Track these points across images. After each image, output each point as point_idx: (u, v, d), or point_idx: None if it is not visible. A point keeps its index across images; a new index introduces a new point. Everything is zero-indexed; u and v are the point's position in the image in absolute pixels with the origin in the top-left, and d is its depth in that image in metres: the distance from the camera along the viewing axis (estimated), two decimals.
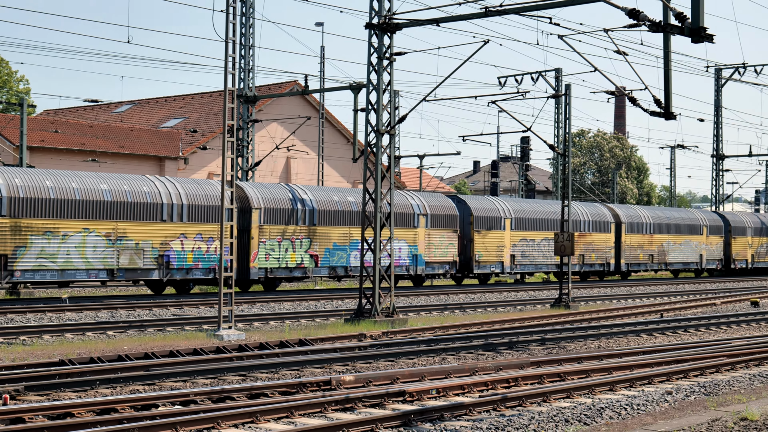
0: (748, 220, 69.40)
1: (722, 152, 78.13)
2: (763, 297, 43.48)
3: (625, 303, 40.07)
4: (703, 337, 27.13)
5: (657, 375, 18.60)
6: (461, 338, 24.48)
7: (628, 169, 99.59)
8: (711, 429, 13.93)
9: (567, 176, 37.55)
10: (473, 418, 14.64)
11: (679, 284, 55.00)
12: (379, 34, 29.44)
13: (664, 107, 18.79)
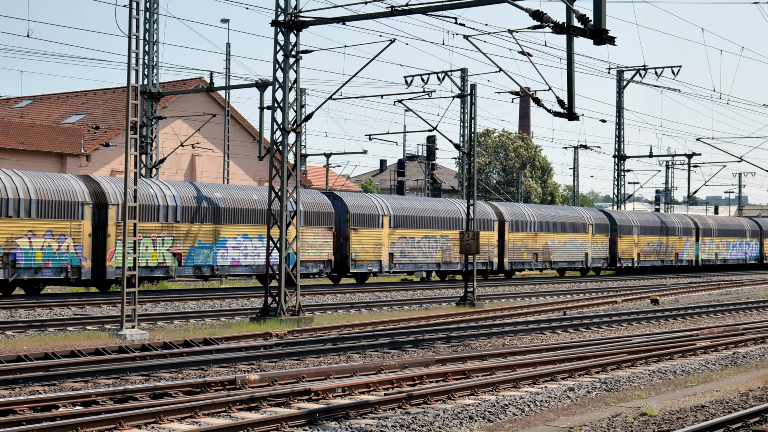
0: (635, 218, 68.94)
1: (624, 153, 79.56)
2: (663, 294, 44.38)
3: (529, 301, 40.55)
4: (605, 335, 27.58)
5: (560, 372, 18.86)
6: (367, 336, 24.51)
7: (532, 169, 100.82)
8: (611, 424, 14.15)
9: (472, 175, 37.85)
10: (379, 416, 14.66)
11: (584, 282, 55.79)
12: (285, 32, 29.31)
13: (568, 108, 19.04)
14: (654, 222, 70.59)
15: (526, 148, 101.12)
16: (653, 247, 69.57)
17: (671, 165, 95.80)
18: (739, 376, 19.57)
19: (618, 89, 79.23)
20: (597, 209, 68.99)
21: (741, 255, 79.85)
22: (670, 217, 73.85)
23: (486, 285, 49.23)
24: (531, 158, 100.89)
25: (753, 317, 34.36)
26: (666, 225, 71.39)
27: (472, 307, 35.88)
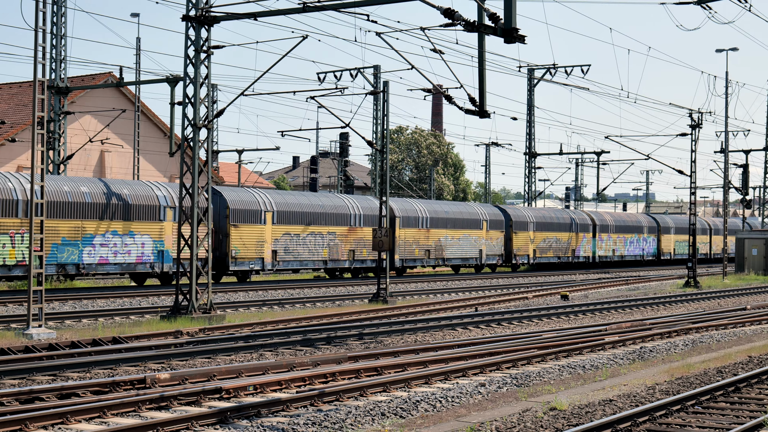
0: (530, 214, 67.69)
1: (534, 150, 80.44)
2: (572, 290, 44.99)
3: (441, 297, 40.77)
4: (516, 330, 27.86)
5: (471, 368, 18.99)
6: (279, 334, 24.42)
7: (445, 166, 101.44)
8: (522, 419, 14.29)
9: (385, 172, 37.92)
10: (290, 413, 14.61)
11: (493, 279, 56.26)
12: (197, 27, 29.03)
13: (479, 105, 19.17)
14: (550, 218, 69.57)
15: (439, 145, 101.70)
16: (549, 243, 68.53)
17: (581, 162, 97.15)
18: (646, 370, 19.92)
19: (529, 87, 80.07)
20: (492, 205, 67.17)
21: (638, 251, 79.44)
22: (566, 213, 72.98)
23: (399, 282, 49.37)
24: (443, 155, 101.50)
25: (660, 312, 35.02)
26: (563, 221, 70.51)
27: (384, 303, 35.96)
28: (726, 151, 62.26)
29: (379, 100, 62.40)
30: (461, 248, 60.15)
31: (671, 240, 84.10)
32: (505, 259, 64.55)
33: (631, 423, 13.78)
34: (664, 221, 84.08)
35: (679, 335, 26.46)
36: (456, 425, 14.06)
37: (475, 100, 19.05)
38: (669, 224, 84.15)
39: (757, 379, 17.92)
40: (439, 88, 28.03)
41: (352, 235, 51.98)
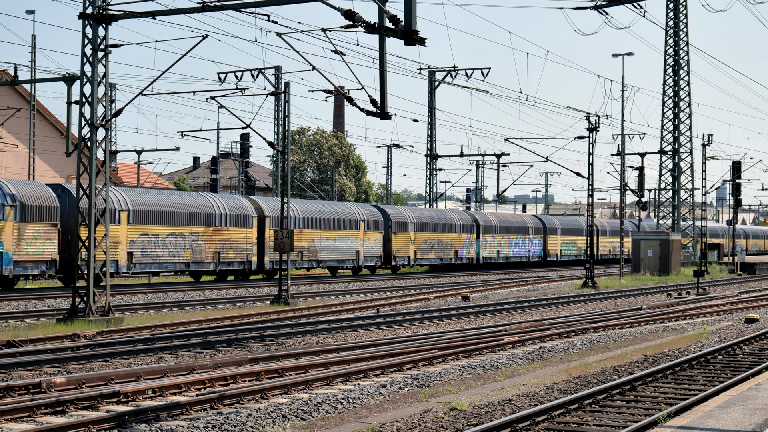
0: (411, 214, 65.67)
1: (436, 152, 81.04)
2: (473, 291, 45.38)
3: (343, 299, 40.76)
4: (417, 331, 27.97)
5: (372, 369, 19.01)
6: (179, 336, 24.13)
7: (346, 167, 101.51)
8: (423, 420, 14.34)
9: (286, 173, 37.77)
10: (190, 417, 14.44)
11: (396, 280, 56.41)
12: (94, 25, 28.55)
13: (380, 107, 19.20)
14: (432, 218, 67.75)
15: (341, 147, 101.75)
16: (431, 244, 66.75)
17: (481, 164, 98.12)
18: (545, 369, 20.17)
19: (430, 89, 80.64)
20: (370, 205, 64.71)
21: (524, 252, 78.20)
22: (449, 214, 71.18)
23: (301, 283, 49.20)
24: (345, 157, 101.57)
25: (558, 312, 35.52)
26: (445, 222, 68.76)
27: (286, 305, 35.82)
28: (622, 154, 63.47)
29: (280, 101, 62.20)
30: (337, 249, 58.04)
31: (558, 241, 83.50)
32: (384, 261, 62.60)
33: (529, 422, 13.93)
34: (551, 222, 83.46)
35: (577, 335, 26.87)
36: (357, 426, 14.06)
37: (377, 101, 19.08)
38: (555, 225, 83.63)
39: (652, 377, 18.28)
40: (340, 89, 28.03)
41: (218, 235, 49.62)
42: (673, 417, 13.27)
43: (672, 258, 64.62)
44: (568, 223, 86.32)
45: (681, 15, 70.78)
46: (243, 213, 51.61)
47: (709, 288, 51.84)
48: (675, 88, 71.43)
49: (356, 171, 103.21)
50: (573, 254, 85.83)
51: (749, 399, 13.42)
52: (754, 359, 21.55)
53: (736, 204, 75.56)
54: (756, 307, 37.17)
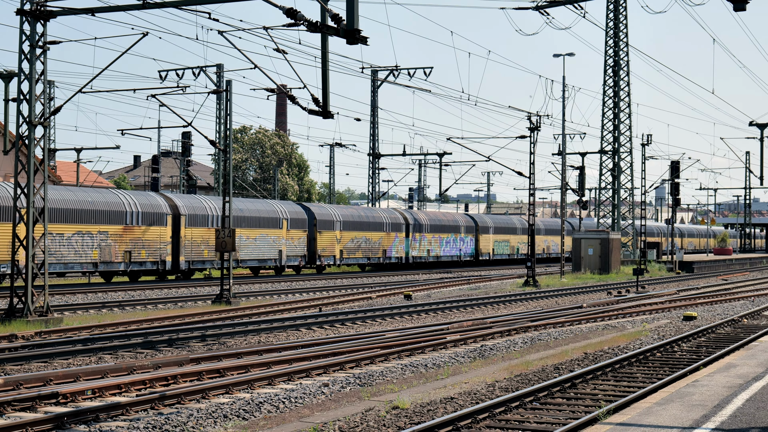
0: (337, 213, 63.49)
1: (378, 151, 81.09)
2: (415, 290, 45.47)
3: (285, 298, 40.65)
4: (360, 330, 27.98)
5: (315, 368, 18.98)
6: (119, 336, 23.90)
7: (289, 166, 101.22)
8: (365, 419, 14.35)
9: (228, 172, 37.58)
10: (130, 417, 14.32)
11: (339, 279, 56.29)
12: (32, 21, 28.17)
13: (323, 106, 19.18)
14: (359, 217, 65.72)
15: (283, 146, 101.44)
16: (358, 243, 64.76)
17: (424, 163, 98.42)
18: (486, 367, 20.27)
19: (372, 89, 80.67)
20: (294, 203, 62.28)
21: (455, 251, 76.20)
22: (377, 212, 69.03)
23: (242, 283, 48.97)
24: (288, 155, 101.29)
25: (500, 311, 35.73)
26: (373, 220, 66.78)
27: (228, 305, 35.63)
28: (563, 154, 64.00)
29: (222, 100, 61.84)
30: (258, 249, 55.85)
31: (490, 240, 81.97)
32: (308, 260, 60.63)
33: (471, 420, 13.99)
34: (483, 221, 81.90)
35: (518, 333, 27.04)
36: (299, 426, 14.02)
37: (319, 100, 19.06)
38: (488, 224, 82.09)
39: (593, 375, 18.45)
40: (282, 88, 27.96)
41: (129, 234, 47.54)
42: (612, 414, 13.40)
43: (612, 257, 65.27)
44: (500, 221, 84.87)
45: (621, 16, 71.51)
46: (156, 211, 49.37)
47: (649, 286, 52.44)
48: (615, 89, 72.16)
49: (299, 170, 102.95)
50: (506, 253, 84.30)
51: (687, 396, 13.59)
52: (692, 356, 21.83)
53: (675, 203, 76.51)
54: (694, 305, 37.68)
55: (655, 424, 11.59)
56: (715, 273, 74.01)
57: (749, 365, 16.61)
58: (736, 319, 30.69)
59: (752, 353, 18.41)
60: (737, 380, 14.91)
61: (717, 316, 32.87)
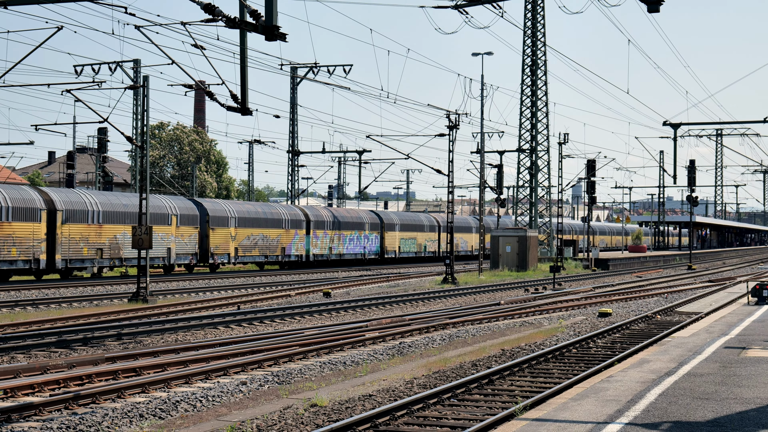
0: (232, 209, 60.80)
1: (298, 148, 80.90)
2: (335, 287, 45.43)
3: (204, 296, 40.31)
4: (278, 328, 27.88)
5: (233, 366, 18.87)
6: (33, 336, 23.48)
7: (207, 163, 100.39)
8: (283, 416, 14.30)
9: (145, 169, 37.16)
10: (44, 418, 14.08)
11: (258, 276, 55.93)
12: None
13: (241, 102, 19.05)
14: (256, 213, 63.12)
15: (201, 142, 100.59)
16: (255, 240, 62.08)
17: (343, 161, 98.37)
18: (405, 364, 20.34)
19: (292, 86, 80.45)
20: (185, 198, 59.10)
21: (359, 249, 74.05)
22: (276, 208, 66.63)
23: (161, 280, 48.45)
24: (206, 152, 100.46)
25: (419, 308, 35.86)
26: (271, 216, 64.22)
27: (145, 303, 35.23)
28: (482, 152, 64.47)
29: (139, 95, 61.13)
30: None
31: (396, 237, 79.91)
32: (200, 259, 57.91)
33: (389, 417, 14.03)
34: (389, 218, 79.82)
35: (437, 330, 27.17)
36: (216, 425, 13.93)
37: (238, 97, 18.93)
38: (394, 221, 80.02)
39: (510, 371, 18.62)
40: (200, 84, 27.74)
41: None
42: (529, 409, 13.53)
43: (529, 254, 65.96)
44: (407, 219, 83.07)
45: (538, 16, 72.25)
46: (29, 206, 46.18)
47: (565, 283, 53.09)
48: (533, 88, 72.89)
49: (217, 167, 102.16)
50: (413, 251, 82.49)
51: (601, 391, 13.78)
52: (606, 352, 22.15)
53: (591, 201, 77.56)
54: (609, 302, 38.23)
55: (570, 419, 11.73)
56: (629, 270, 75.17)
57: (662, 361, 16.90)
58: (650, 316, 31.21)
59: (665, 349, 18.73)
60: (650, 375, 15.15)
61: (631, 312, 33.40)
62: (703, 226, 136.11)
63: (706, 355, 17.52)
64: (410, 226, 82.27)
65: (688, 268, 78.65)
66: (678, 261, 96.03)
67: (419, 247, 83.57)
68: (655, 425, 11.28)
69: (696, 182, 73.64)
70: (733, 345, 19.04)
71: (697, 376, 15.03)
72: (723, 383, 14.28)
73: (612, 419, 11.66)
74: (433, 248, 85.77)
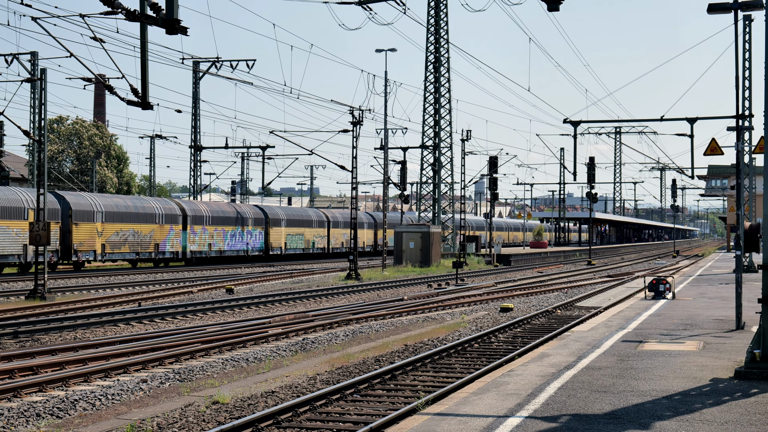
0: (98, 202, 57.20)
1: (200, 143, 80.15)
2: (237, 284, 45.15)
3: (104, 293, 39.71)
4: (180, 325, 27.59)
5: (133, 364, 18.62)
6: None
7: (108, 158, 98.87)
8: (184, 414, 14.16)
9: (43, 164, 36.44)
10: None
11: (159, 273, 55.24)
12: None
13: (142, 97, 18.82)
14: (126, 206, 59.73)
15: (101, 137, 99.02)
16: (125, 236, 58.79)
17: (247, 157, 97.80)
18: (308, 361, 20.31)
19: (194, 80, 79.68)
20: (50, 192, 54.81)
21: (242, 245, 71.51)
22: (149, 202, 63.33)
23: (61, 277, 47.58)
24: (106, 147, 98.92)
25: (322, 304, 35.83)
26: (143, 210, 61.04)
27: (43, 300, 34.55)
28: (385, 148, 64.66)
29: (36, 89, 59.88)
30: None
31: (282, 233, 77.52)
32: (61, 256, 54.47)
33: (292, 414, 13.99)
34: (274, 213, 77.36)
35: (340, 326, 27.19)
36: (116, 423, 13.73)
37: (138, 91, 18.69)
38: (280, 216, 77.62)
39: (412, 366, 18.71)
40: (100, 77, 27.28)
41: None
42: (431, 404, 13.61)
43: (433, 250, 66.37)
44: (294, 214, 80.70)
45: (441, 13, 72.72)
46: None
47: (468, 279, 53.56)
48: (436, 85, 73.35)
49: (118, 162, 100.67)
50: (300, 247, 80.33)
51: (502, 385, 13.93)
52: (508, 347, 22.41)
53: (493, 198, 78.35)
54: (511, 297, 38.69)
55: (471, 413, 11.83)
56: (531, 266, 76.20)
57: (562, 354, 17.15)
58: (551, 310, 31.66)
59: (565, 343, 19.01)
60: (550, 369, 15.37)
61: (532, 307, 33.84)
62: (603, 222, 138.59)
63: (605, 349, 17.84)
64: (297, 222, 79.90)
65: (588, 263, 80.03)
66: (578, 256, 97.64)
67: (307, 243, 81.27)
68: (554, 418, 11.44)
69: (595, 179, 74.87)
70: (630, 339, 19.42)
71: (596, 369, 15.30)
72: (620, 376, 14.55)
73: (512, 413, 11.79)
74: (321, 244, 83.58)
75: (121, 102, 19.67)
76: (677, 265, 71.58)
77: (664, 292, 31.57)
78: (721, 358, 16.46)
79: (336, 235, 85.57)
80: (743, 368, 14.36)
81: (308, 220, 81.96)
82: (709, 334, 20.16)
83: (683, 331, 20.72)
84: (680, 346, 18.14)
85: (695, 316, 24.41)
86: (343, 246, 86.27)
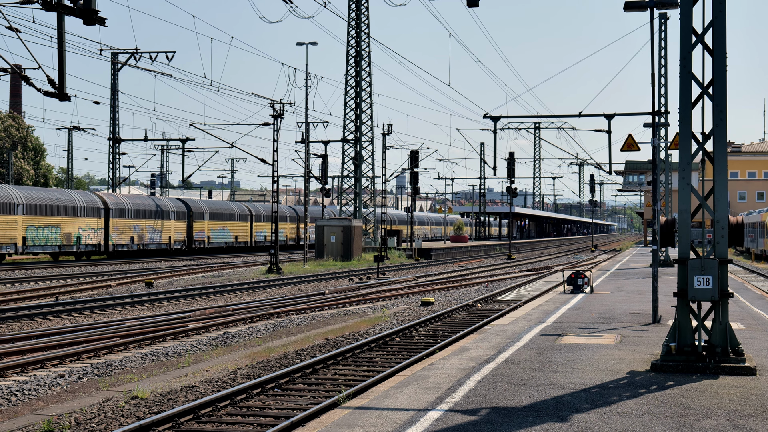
0: (19, 195, 55.89)
1: (119, 136, 79.21)
2: (157, 278, 44.71)
3: (21, 287, 39.05)
4: (99, 319, 27.26)
5: (50, 359, 18.36)
6: None
7: (24, 150, 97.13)
8: (102, 409, 14.00)
9: None
10: None
11: (77, 267, 54.50)
12: None
13: (59, 88, 18.53)
14: (48, 200, 58.17)
15: (18, 128, 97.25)
16: (46, 229, 57.39)
17: (167, 149, 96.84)
18: (228, 355, 20.21)
19: (113, 72, 78.68)
20: None
21: (165, 239, 70.69)
22: (71, 195, 61.35)
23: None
24: (23, 139, 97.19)
25: (243, 298, 35.66)
26: (65, 204, 59.60)
27: None
28: (306, 142, 64.51)
29: None
30: None
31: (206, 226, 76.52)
32: None
33: (212, 408, 13.91)
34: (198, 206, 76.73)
35: (261, 320, 27.09)
36: (33, 419, 13.53)
37: (55, 82, 18.41)
38: (203, 210, 76.92)
39: (333, 360, 18.73)
40: (16, 68, 26.81)
41: None
42: (352, 398, 13.64)
43: (354, 244, 66.41)
44: (218, 207, 79.76)
45: (362, 7, 72.74)
46: None
47: (389, 273, 53.70)
48: (357, 78, 73.36)
49: (35, 154, 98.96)
50: (224, 241, 79.74)
51: (423, 378, 14.00)
52: (429, 341, 22.53)
53: (414, 192, 78.64)
54: (432, 291, 38.88)
55: (392, 407, 11.88)
56: (452, 260, 76.64)
57: (482, 348, 17.29)
58: (471, 304, 31.90)
59: (485, 336, 19.17)
60: (470, 363, 15.48)
61: (453, 301, 34.06)
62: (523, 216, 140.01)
63: (524, 342, 18.03)
64: (221, 215, 79.33)
65: (508, 257, 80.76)
66: (498, 251, 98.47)
67: (231, 236, 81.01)
68: (474, 411, 11.54)
69: (515, 174, 75.62)
70: (549, 332, 19.65)
71: (515, 362, 15.45)
72: (539, 369, 14.72)
73: (433, 406, 11.86)
74: (245, 238, 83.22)
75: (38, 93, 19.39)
76: (596, 260, 72.58)
77: (583, 286, 32.01)
78: (638, 351, 16.74)
79: (259, 229, 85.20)
80: (659, 361, 14.62)
81: (231, 213, 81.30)
82: (626, 328, 20.49)
83: (601, 325, 21.03)
84: (598, 340, 18.40)
85: (613, 309, 24.78)
86: (266, 240, 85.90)
